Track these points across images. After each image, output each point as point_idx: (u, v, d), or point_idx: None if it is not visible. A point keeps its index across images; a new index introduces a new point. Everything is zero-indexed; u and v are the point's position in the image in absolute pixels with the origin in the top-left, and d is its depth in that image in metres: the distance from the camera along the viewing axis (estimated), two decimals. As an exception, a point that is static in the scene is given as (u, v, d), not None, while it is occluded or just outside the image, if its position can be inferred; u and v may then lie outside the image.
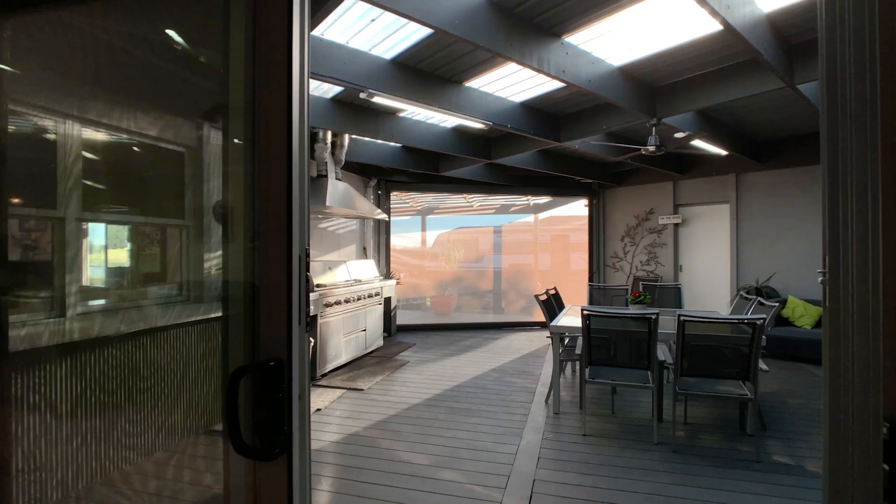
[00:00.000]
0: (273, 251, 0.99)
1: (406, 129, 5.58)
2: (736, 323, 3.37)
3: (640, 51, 3.95)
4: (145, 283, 0.97)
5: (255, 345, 1.00)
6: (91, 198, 1.11)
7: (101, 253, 1.42)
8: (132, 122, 1.02)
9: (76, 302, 1.15)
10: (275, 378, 0.96)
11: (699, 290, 7.81)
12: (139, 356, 1.01)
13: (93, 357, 1.02)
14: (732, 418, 3.97)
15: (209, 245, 1.15)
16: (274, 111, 1.01)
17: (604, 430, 3.76)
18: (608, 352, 3.81)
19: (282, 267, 0.98)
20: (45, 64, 1.00)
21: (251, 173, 1.03)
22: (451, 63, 4.12)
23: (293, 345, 0.98)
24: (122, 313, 1.05)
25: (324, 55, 3.63)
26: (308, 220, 1.16)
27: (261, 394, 0.95)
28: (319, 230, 6.46)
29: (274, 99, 1.01)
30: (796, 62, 3.80)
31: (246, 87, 1.08)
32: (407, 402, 4.43)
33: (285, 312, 0.98)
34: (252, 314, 1.02)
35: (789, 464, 3.16)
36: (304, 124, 1.14)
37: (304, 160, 1.14)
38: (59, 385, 1.00)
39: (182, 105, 1.08)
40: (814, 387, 4.88)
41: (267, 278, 0.99)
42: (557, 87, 4.65)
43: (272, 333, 0.98)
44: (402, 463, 3.19)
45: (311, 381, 4.69)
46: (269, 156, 1.01)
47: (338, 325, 5.48)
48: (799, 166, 6.64)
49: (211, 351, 1.08)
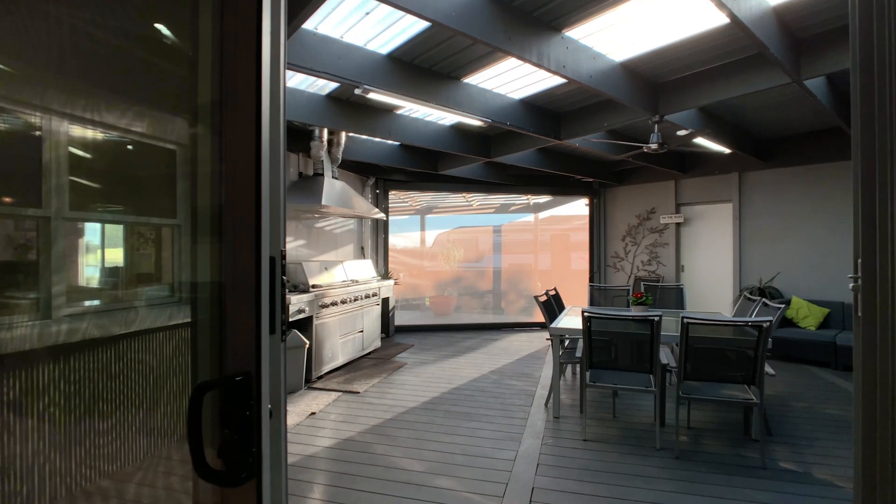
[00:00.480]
0: (241, 254, 0.89)
1: (404, 127, 5.49)
2: (741, 325, 3.28)
3: (642, 46, 3.85)
4: (96, 288, 0.88)
5: (222, 357, 0.91)
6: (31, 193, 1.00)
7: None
8: (90, 112, 0.93)
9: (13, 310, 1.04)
10: (242, 394, 0.87)
11: (701, 290, 7.71)
12: (93, 369, 0.91)
13: (37, 371, 0.92)
14: (736, 422, 3.87)
15: (172, 247, 1.05)
16: (242, 103, 0.91)
17: (605, 434, 3.67)
18: (609, 354, 3.72)
19: (250, 271, 0.89)
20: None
21: (218, 170, 0.94)
22: (449, 58, 4.02)
23: (262, 357, 0.89)
24: (71, 321, 0.95)
25: (317, 50, 3.53)
26: (284, 221, 1.07)
27: (226, 412, 0.86)
28: (316, 230, 6.37)
29: (242, 90, 0.92)
30: (803, 57, 3.70)
31: (213, 78, 0.98)
32: (404, 406, 4.34)
33: (254, 321, 0.88)
34: (220, 323, 0.92)
35: (796, 471, 3.06)
36: (279, 118, 1.04)
37: (280, 156, 1.04)
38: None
39: (143, 95, 0.98)
40: (819, 390, 4.78)
41: (234, 284, 0.90)
42: (558, 84, 4.55)
43: (239, 344, 0.89)
44: (397, 470, 3.10)
45: (306, 385, 4.60)
46: (236, 151, 0.91)
47: (334, 327, 5.39)
48: (803, 165, 6.53)
49: (175, 363, 0.98)
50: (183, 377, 0.99)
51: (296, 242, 5.92)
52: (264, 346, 0.89)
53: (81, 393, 0.88)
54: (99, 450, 0.92)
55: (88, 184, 0.97)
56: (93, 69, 0.92)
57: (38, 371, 0.89)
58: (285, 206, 1.10)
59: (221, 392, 0.86)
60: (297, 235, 5.96)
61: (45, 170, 0.95)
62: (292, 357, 4.66)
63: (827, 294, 6.28)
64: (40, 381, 0.88)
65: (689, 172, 7.75)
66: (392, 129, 5.36)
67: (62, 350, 0.91)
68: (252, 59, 0.93)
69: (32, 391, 0.89)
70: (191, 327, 1.00)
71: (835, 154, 6.23)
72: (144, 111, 1.01)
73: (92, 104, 0.91)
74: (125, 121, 0.97)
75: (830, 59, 3.58)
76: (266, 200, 0.91)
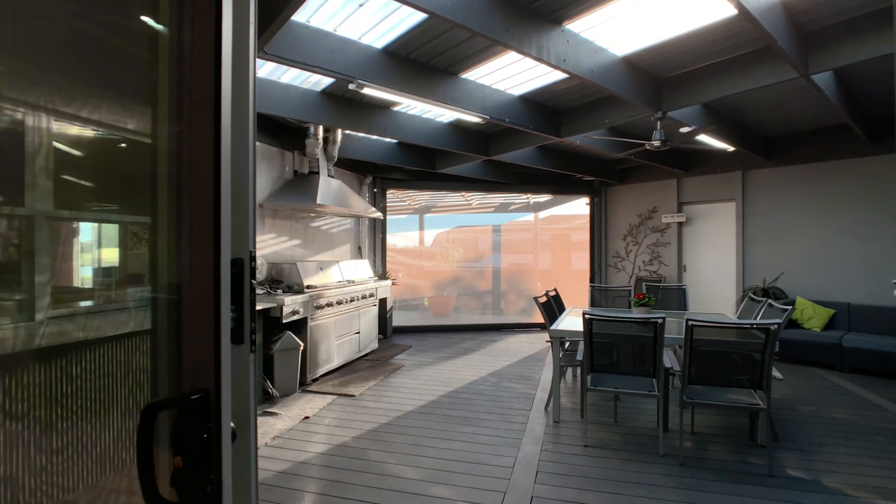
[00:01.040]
0: (197, 255, 0.79)
1: (401, 124, 5.38)
2: (748, 328, 3.17)
3: (645, 39, 3.74)
4: (34, 293, 0.77)
5: (179, 372, 0.80)
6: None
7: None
8: (29, 96, 0.82)
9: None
10: (198, 414, 0.76)
11: (704, 290, 7.60)
12: (27, 387, 0.80)
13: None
14: (741, 427, 3.77)
15: (121, 248, 0.94)
16: (200, 90, 0.80)
17: (606, 440, 3.56)
18: (611, 358, 3.61)
19: (208, 276, 0.78)
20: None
21: (175, 163, 0.83)
22: (446, 53, 3.91)
23: (222, 371, 0.78)
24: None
25: (309, 44, 3.42)
26: (254, 219, 0.96)
27: (180, 435, 0.75)
28: (312, 229, 6.26)
29: (199, 76, 0.81)
30: (811, 51, 3.59)
31: (170, 62, 0.87)
32: (400, 410, 4.23)
33: (212, 332, 0.78)
34: (177, 334, 0.82)
35: (805, 479, 2.95)
36: (247, 107, 0.94)
37: (248, 149, 0.94)
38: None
39: (90, 80, 0.87)
40: (825, 393, 4.67)
41: (191, 289, 0.79)
42: (558, 80, 4.44)
43: (196, 358, 0.78)
44: (391, 477, 2.99)
45: (301, 388, 4.46)
46: (192, 142, 0.81)
47: (330, 328, 5.28)
48: (807, 163, 6.42)
49: (127, 380, 0.88)
50: (135, 396, 0.88)
51: (291, 242, 5.82)
52: (225, 359, 0.78)
53: (13, 415, 0.77)
54: (34, 479, 0.81)
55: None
56: (32, 49, 0.82)
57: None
58: (255, 204, 0.99)
59: (175, 412, 0.75)
60: (293, 235, 5.86)
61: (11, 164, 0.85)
62: (286, 360, 4.56)
63: (832, 295, 6.17)
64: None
65: (692, 171, 7.64)
66: (389, 127, 5.25)
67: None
68: (210, 43, 0.82)
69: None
70: (144, 339, 0.89)
71: (840, 152, 6.12)
72: (88, 97, 0.90)
73: (24, 86, 0.81)
74: (69, 108, 0.86)
75: (840, 52, 3.47)
76: (227, 197, 0.80)
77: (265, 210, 5.29)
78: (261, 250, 5.27)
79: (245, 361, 0.94)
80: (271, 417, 3.98)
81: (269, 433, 3.64)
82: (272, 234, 5.47)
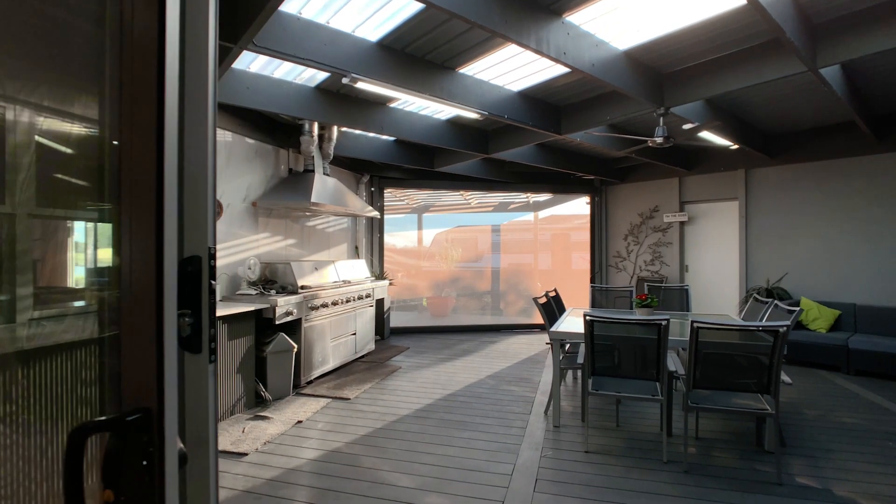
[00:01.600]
0: (137, 255, 0.67)
1: (397, 121, 5.26)
2: (756, 330, 3.05)
3: (647, 33, 3.63)
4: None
5: (119, 389, 0.69)
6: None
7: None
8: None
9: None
10: (137, 438, 0.65)
11: (706, 291, 7.49)
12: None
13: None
14: (747, 432, 3.65)
15: (54, 248, 0.83)
16: (141, 73, 0.69)
17: (608, 446, 3.45)
18: (613, 361, 3.49)
19: (150, 277, 0.66)
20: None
21: (111, 154, 0.72)
22: (443, 46, 3.79)
23: (166, 386, 0.67)
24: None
25: (301, 36, 3.31)
26: (213, 213, 0.85)
27: (114, 463, 0.64)
28: (307, 228, 6.15)
29: (140, 57, 0.70)
30: (819, 43, 3.47)
31: (109, 31, 0.76)
32: (395, 414, 4.11)
33: (155, 342, 0.66)
34: (116, 347, 0.70)
35: (815, 487, 2.84)
36: (204, 93, 0.82)
37: (206, 139, 0.82)
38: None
39: (19, 53, 0.76)
40: (832, 396, 4.56)
41: (130, 294, 0.68)
42: (558, 75, 4.33)
43: (137, 373, 0.67)
44: (384, 485, 2.88)
45: (294, 391, 4.31)
46: (132, 130, 0.69)
47: (324, 329, 5.17)
48: (812, 161, 6.31)
49: (50, 400, 0.76)
50: (63, 419, 0.77)
51: (286, 242, 5.71)
52: (170, 373, 0.67)
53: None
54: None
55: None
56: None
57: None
58: (214, 198, 0.88)
59: (109, 436, 0.64)
60: (288, 234, 5.74)
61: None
62: (279, 362, 4.44)
63: (837, 295, 6.05)
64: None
65: (694, 169, 7.53)
66: (385, 124, 5.14)
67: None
68: (153, 23, 0.71)
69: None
70: (76, 351, 0.77)
71: (845, 150, 6.00)
72: (17, 72, 0.79)
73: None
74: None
75: (849, 45, 3.36)
76: (172, 190, 0.69)
77: (259, 209, 5.18)
78: (255, 250, 5.15)
79: (203, 373, 0.82)
80: (263, 422, 3.87)
81: (260, 438, 3.53)
82: (266, 234, 5.36)
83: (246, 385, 4.16)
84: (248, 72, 4.15)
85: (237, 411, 4.06)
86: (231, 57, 3.18)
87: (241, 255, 4.94)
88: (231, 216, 4.81)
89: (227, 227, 4.75)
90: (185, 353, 0.82)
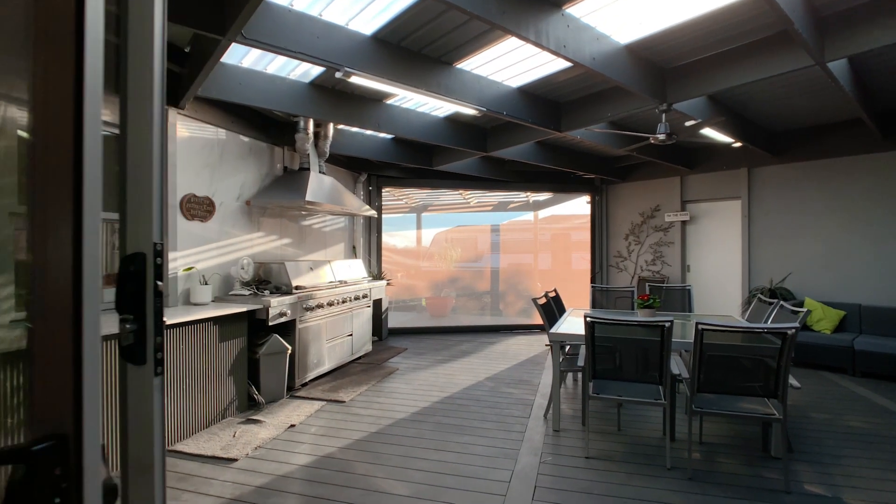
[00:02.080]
0: (54, 253, 0.57)
1: (394, 118, 5.16)
2: (763, 332, 2.95)
3: (650, 26, 3.53)
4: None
5: (30, 413, 0.59)
6: None
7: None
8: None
9: None
10: (47, 472, 0.55)
11: (708, 291, 7.38)
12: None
13: None
14: (753, 436, 3.55)
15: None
16: (56, 31, 0.59)
17: (609, 451, 3.34)
18: (614, 363, 3.39)
19: (66, 277, 0.56)
20: None
21: (31, 134, 0.62)
22: (439, 40, 3.69)
23: (84, 408, 0.56)
24: None
25: (293, 29, 3.21)
26: (162, 206, 0.75)
27: (19, 502, 0.54)
28: (303, 228, 6.05)
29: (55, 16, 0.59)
30: (827, 37, 3.37)
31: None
32: (391, 417, 4.01)
33: (72, 355, 0.56)
34: (29, 361, 0.60)
35: (825, 495, 2.73)
36: (149, 63, 0.72)
37: (153, 122, 0.72)
38: None
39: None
40: (839, 399, 4.45)
41: (42, 300, 0.58)
42: (558, 70, 4.22)
43: (47, 393, 0.57)
44: (378, 493, 2.78)
45: (289, 394, 4.17)
46: (45, 111, 0.59)
47: (320, 330, 5.07)
48: (817, 159, 6.20)
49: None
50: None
51: (281, 241, 5.60)
52: (89, 393, 0.57)
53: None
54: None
55: None
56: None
57: None
58: (163, 189, 0.77)
59: (12, 469, 0.54)
60: (283, 234, 5.64)
61: None
62: (272, 364, 4.34)
63: (842, 296, 5.94)
64: None
65: (696, 168, 7.42)
66: (382, 121, 5.04)
67: None
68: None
69: None
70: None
71: (850, 148, 5.90)
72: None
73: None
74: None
75: (858, 37, 3.25)
76: (94, 178, 0.58)
77: (253, 208, 5.08)
78: (249, 249, 5.05)
79: (147, 387, 0.72)
80: (255, 426, 3.77)
81: (251, 443, 3.43)
82: (261, 233, 5.26)
83: (238, 388, 4.06)
84: (241, 67, 4.05)
85: (228, 415, 3.96)
86: (220, 50, 3.07)
87: (235, 255, 4.84)
88: (224, 215, 4.71)
89: (219, 226, 4.65)
90: (128, 366, 0.72)
